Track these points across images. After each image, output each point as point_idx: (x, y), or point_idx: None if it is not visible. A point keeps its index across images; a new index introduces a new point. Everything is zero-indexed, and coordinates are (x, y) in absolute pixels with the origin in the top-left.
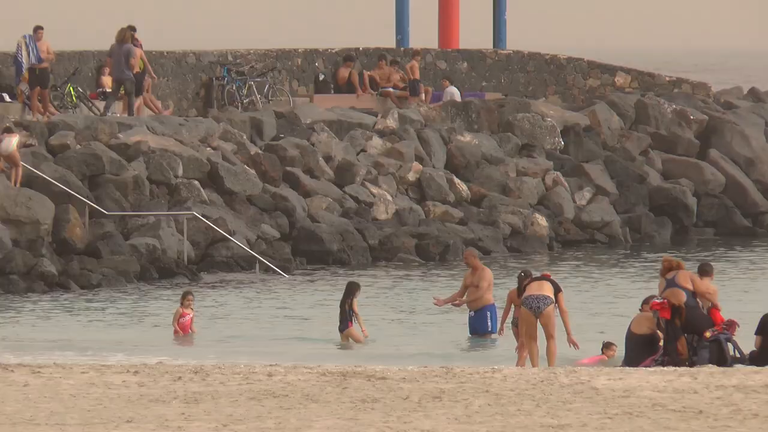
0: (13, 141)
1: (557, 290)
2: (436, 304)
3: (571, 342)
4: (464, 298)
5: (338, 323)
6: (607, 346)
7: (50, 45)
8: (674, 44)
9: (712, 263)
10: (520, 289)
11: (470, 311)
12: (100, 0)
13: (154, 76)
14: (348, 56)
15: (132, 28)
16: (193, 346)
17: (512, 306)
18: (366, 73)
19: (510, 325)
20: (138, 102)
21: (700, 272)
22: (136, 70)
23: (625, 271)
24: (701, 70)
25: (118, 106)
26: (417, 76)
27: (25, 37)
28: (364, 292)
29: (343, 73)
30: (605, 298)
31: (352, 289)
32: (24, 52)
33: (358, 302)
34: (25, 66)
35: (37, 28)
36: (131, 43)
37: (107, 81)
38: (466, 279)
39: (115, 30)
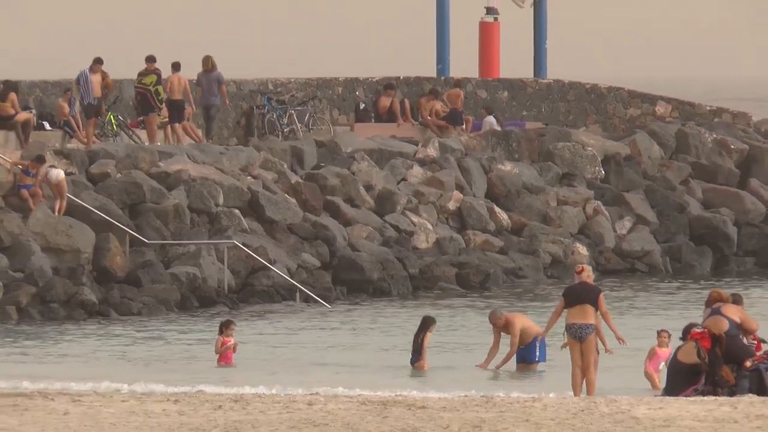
0: (62, 171)
1: (597, 293)
2: (481, 368)
3: (619, 339)
4: (510, 351)
5: (410, 355)
6: (659, 334)
7: (108, 77)
8: (715, 73)
9: (741, 293)
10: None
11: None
12: (138, 29)
13: (194, 106)
14: (389, 85)
15: (152, 59)
16: (234, 375)
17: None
18: (407, 102)
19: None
20: (178, 129)
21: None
22: (178, 96)
23: (666, 300)
24: (744, 98)
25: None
26: (459, 105)
27: (78, 77)
28: (407, 321)
29: (384, 101)
30: (646, 327)
31: (427, 323)
32: (76, 94)
33: (431, 336)
34: (76, 108)
35: (96, 61)
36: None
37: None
38: (496, 332)
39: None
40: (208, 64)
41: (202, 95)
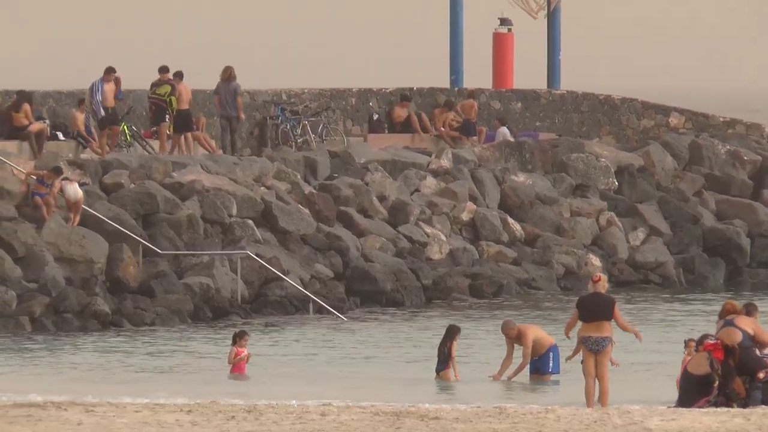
0: (79, 189)
1: (612, 305)
2: (494, 379)
3: (637, 335)
4: (522, 362)
5: (436, 364)
6: (687, 343)
7: (116, 86)
8: (729, 84)
9: (756, 303)
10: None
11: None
12: (151, 40)
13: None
14: (404, 96)
15: (165, 69)
16: (247, 386)
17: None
18: (424, 116)
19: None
20: (187, 139)
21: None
22: (185, 106)
23: (679, 311)
24: (758, 110)
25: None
26: (473, 116)
27: (92, 86)
28: (421, 331)
29: (399, 112)
30: (659, 338)
31: (452, 332)
32: (87, 102)
33: (456, 345)
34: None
35: (108, 70)
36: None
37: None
38: (509, 344)
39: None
40: (228, 74)
41: (220, 106)
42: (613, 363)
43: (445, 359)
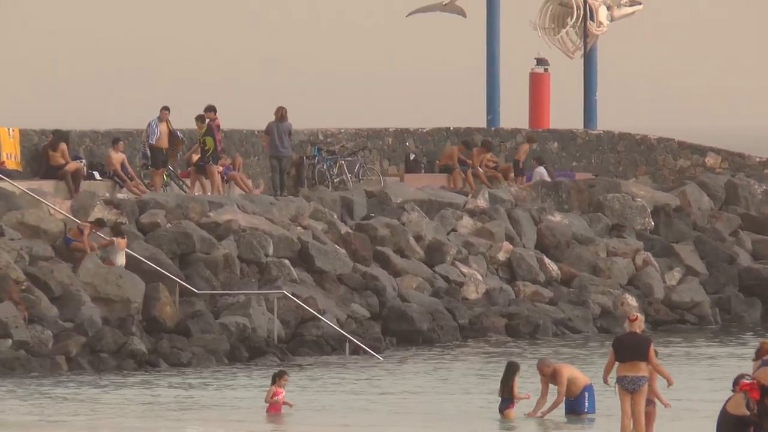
0: (123, 253)
1: (647, 346)
2: (529, 417)
3: (668, 379)
4: (557, 400)
5: (499, 402)
6: (737, 381)
7: (167, 126)
8: (765, 124)
9: None
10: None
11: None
12: (185, 82)
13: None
14: (466, 142)
15: (212, 109)
16: (282, 425)
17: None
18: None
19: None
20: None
21: None
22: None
23: (716, 351)
24: None
25: (196, 187)
26: (522, 158)
27: (149, 124)
28: (456, 370)
29: (453, 152)
30: (695, 379)
31: (513, 369)
32: (144, 138)
33: (517, 382)
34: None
35: (162, 109)
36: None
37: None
38: (544, 382)
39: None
40: (280, 114)
41: (271, 145)
42: (665, 405)
43: (508, 397)
